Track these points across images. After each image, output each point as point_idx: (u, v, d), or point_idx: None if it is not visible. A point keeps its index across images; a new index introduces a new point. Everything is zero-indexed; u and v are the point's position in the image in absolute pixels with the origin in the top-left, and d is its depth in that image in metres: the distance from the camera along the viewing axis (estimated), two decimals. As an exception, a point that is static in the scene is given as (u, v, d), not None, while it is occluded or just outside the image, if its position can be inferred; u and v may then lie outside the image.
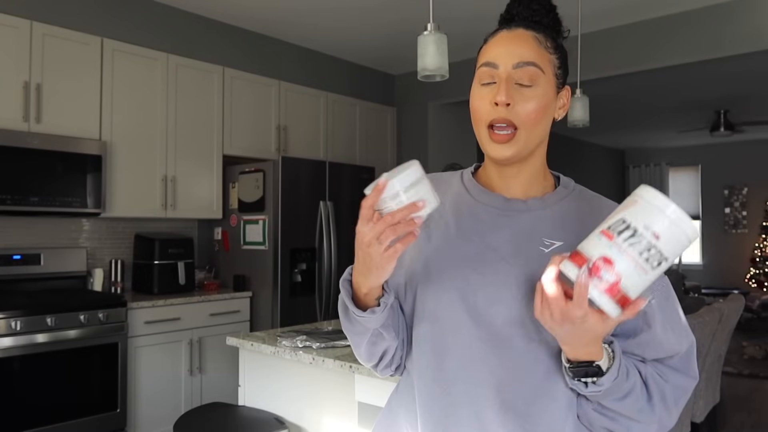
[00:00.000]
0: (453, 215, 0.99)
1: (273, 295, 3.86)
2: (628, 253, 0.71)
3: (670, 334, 0.89)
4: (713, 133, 7.11)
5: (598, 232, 0.74)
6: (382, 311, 0.88)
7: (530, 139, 0.92)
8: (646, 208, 0.72)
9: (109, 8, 3.66)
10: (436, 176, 1.08)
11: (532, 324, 0.88)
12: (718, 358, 3.25)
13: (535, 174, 0.98)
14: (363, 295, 0.88)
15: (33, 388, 2.85)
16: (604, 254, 0.72)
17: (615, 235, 0.72)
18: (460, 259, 0.93)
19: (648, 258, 0.71)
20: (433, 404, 0.92)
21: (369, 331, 0.93)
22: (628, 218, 0.73)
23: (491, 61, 0.93)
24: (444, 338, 0.92)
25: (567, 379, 0.86)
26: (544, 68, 0.92)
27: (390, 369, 1.02)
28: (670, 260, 0.72)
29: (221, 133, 4.08)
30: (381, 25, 4.30)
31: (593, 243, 0.74)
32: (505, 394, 0.88)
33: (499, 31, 0.96)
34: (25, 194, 3.08)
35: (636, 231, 0.71)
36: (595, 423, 0.90)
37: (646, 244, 0.71)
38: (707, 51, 3.90)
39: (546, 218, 0.95)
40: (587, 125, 3.30)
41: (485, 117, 0.92)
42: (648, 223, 0.71)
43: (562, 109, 0.98)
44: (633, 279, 0.71)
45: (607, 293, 0.72)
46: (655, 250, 0.71)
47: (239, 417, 2.14)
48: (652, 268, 0.71)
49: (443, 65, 2.24)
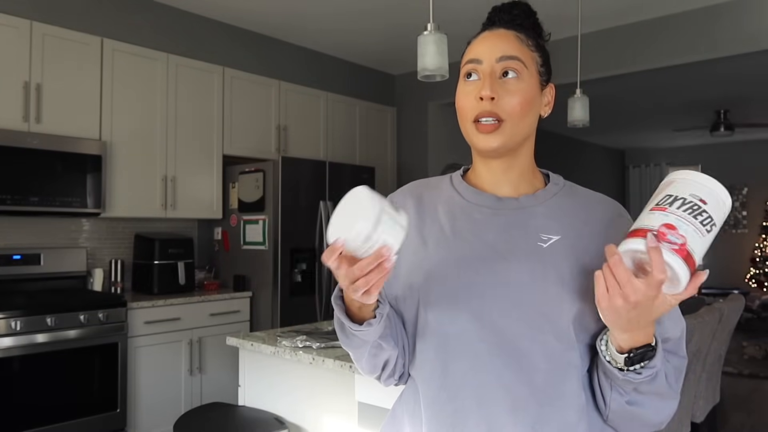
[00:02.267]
0: (447, 219, 0.98)
1: (273, 295, 3.86)
2: (685, 218, 0.74)
3: (665, 319, 0.90)
4: (713, 133, 7.11)
5: (648, 211, 0.77)
6: (378, 323, 0.87)
7: (516, 131, 0.93)
8: (684, 183, 0.77)
9: (109, 8, 3.66)
10: (424, 183, 1.08)
11: (537, 322, 0.88)
12: (718, 358, 3.25)
13: (524, 171, 0.99)
14: (357, 309, 0.87)
15: (33, 388, 2.85)
16: (664, 222, 0.74)
17: (667, 206, 0.75)
18: (458, 261, 0.93)
19: (703, 221, 0.74)
20: (440, 410, 0.91)
21: (368, 343, 0.92)
22: (673, 192, 0.76)
23: (475, 57, 0.95)
24: (448, 343, 0.91)
25: (616, 372, 0.84)
26: (527, 63, 0.93)
27: (393, 378, 1.00)
28: (717, 225, 0.76)
29: (221, 133, 4.08)
30: (381, 25, 4.30)
31: (648, 218, 0.76)
32: (513, 396, 0.87)
33: (482, 32, 0.98)
34: (25, 194, 3.08)
35: (685, 199, 0.75)
36: (628, 417, 0.90)
37: (698, 208, 0.74)
38: (707, 51, 3.90)
39: (540, 214, 0.95)
40: (587, 125, 3.30)
41: (470, 113, 0.94)
42: (693, 192, 0.76)
43: (547, 106, 0.99)
44: (696, 241, 0.74)
45: (678, 254, 0.73)
46: (707, 214, 0.75)
47: (239, 417, 2.14)
48: (707, 231, 0.75)
49: (443, 65, 2.24)
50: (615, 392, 0.88)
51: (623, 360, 0.83)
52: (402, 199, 1.04)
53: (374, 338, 0.90)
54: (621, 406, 0.89)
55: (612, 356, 0.85)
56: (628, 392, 0.87)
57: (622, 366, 0.84)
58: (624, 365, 0.83)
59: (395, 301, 0.98)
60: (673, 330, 0.92)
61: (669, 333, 0.91)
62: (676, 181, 0.77)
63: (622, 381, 0.85)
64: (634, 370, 0.83)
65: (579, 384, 0.90)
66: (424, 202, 1.02)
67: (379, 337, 0.90)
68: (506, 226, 0.94)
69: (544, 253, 0.90)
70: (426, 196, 1.04)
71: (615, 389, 0.88)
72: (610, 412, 0.90)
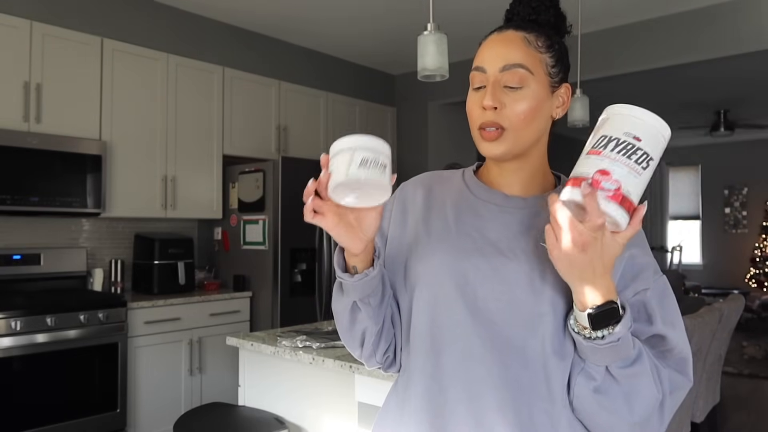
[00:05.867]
0: (452, 212, 1.00)
1: (273, 295, 3.86)
2: (619, 160, 0.75)
3: (670, 329, 0.90)
4: (713, 133, 7.11)
5: (585, 155, 0.79)
6: (359, 279, 0.90)
7: (519, 138, 0.93)
8: (619, 118, 0.78)
9: (109, 8, 3.66)
10: (437, 175, 1.09)
11: (532, 321, 0.88)
12: (718, 358, 3.25)
13: (535, 172, 0.99)
14: (347, 262, 0.93)
15: (33, 388, 2.85)
16: (599, 167, 0.76)
17: (602, 149, 0.77)
18: (458, 254, 0.94)
19: (637, 160, 0.76)
20: (430, 401, 0.92)
21: (349, 304, 0.95)
22: (607, 133, 0.77)
23: (480, 66, 0.95)
24: (441, 335, 0.92)
25: (581, 340, 0.83)
26: (532, 69, 0.93)
27: (375, 359, 1.02)
28: (655, 160, 0.77)
29: (221, 133, 4.08)
30: (381, 25, 4.30)
31: (584, 164, 0.78)
32: (503, 392, 0.88)
33: (491, 34, 0.98)
34: (25, 194, 3.08)
35: (619, 140, 0.76)
36: (592, 409, 0.87)
37: (631, 147, 0.76)
38: (707, 51, 3.90)
39: (545, 215, 0.95)
40: (587, 125, 3.29)
41: (476, 120, 0.95)
42: (627, 129, 0.76)
43: (560, 107, 0.98)
44: (631, 182, 0.75)
45: (613, 200, 0.75)
46: (642, 152, 0.76)
47: (239, 417, 2.14)
48: (643, 169, 0.76)
49: (443, 65, 2.24)
50: (582, 376, 0.87)
51: (586, 319, 0.82)
52: (413, 189, 1.07)
53: (355, 296, 0.93)
54: (586, 393, 0.87)
55: (577, 319, 0.84)
56: (598, 377, 0.85)
57: (587, 327, 0.82)
58: (589, 325, 0.81)
59: (393, 285, 1.01)
60: (677, 339, 0.90)
61: (673, 342, 0.90)
62: (611, 118, 0.78)
63: (587, 349, 0.83)
64: (599, 336, 0.81)
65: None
66: (433, 194, 1.04)
67: (359, 299, 0.93)
68: (510, 225, 0.95)
69: (545, 253, 0.91)
70: (436, 188, 1.05)
71: (583, 373, 0.87)
72: (575, 398, 0.88)
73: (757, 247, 8.62)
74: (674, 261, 8.83)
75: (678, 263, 8.81)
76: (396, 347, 1.02)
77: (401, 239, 1.02)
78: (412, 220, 1.02)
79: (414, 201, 1.04)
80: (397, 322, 1.02)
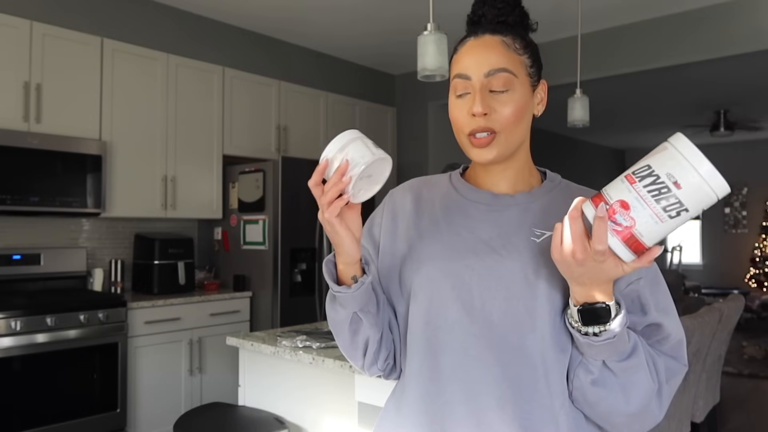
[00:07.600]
0: (443, 214, 1.01)
1: (273, 295, 3.86)
2: (646, 199, 0.71)
3: (663, 316, 0.90)
4: (713, 133, 7.10)
5: (623, 176, 0.74)
6: (358, 288, 0.91)
7: (510, 140, 0.94)
8: (672, 155, 0.71)
9: (109, 8, 3.66)
10: (425, 180, 1.10)
11: (527, 317, 0.88)
12: (718, 358, 3.25)
13: (521, 170, 1.00)
14: (343, 274, 0.93)
15: (33, 388, 2.85)
16: (622, 198, 0.72)
17: (637, 180, 0.72)
18: (451, 254, 0.95)
19: (667, 207, 0.70)
20: (430, 403, 0.92)
21: (349, 316, 0.95)
22: (653, 164, 0.72)
23: (463, 73, 0.95)
24: (438, 336, 0.92)
25: (576, 334, 0.84)
26: (516, 71, 0.93)
27: (376, 366, 1.02)
28: (691, 212, 0.71)
29: (221, 133, 4.08)
30: (381, 25, 4.30)
31: (615, 186, 0.74)
32: (501, 390, 0.88)
33: (467, 40, 0.98)
34: (25, 194, 3.08)
35: (657, 178, 0.70)
36: (591, 399, 0.88)
37: (666, 192, 0.70)
38: (707, 51, 3.90)
39: (535, 210, 0.97)
40: (587, 125, 3.30)
41: (465, 128, 0.95)
42: (672, 171, 0.70)
43: (540, 104, 1.00)
44: (648, 226, 0.71)
45: (619, 236, 0.72)
46: (675, 200, 0.70)
47: (239, 417, 2.14)
48: (670, 218, 0.71)
49: (443, 65, 2.24)
50: (581, 368, 0.88)
51: (577, 314, 0.83)
52: (402, 194, 1.07)
53: (355, 307, 0.93)
54: (585, 385, 0.87)
55: (571, 314, 0.85)
56: (595, 370, 0.86)
57: (579, 322, 0.83)
58: (579, 320, 0.83)
59: (388, 293, 1.01)
60: (671, 327, 0.91)
61: (667, 330, 0.91)
62: (667, 150, 0.72)
63: (583, 344, 0.84)
64: (594, 333, 0.82)
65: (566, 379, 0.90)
66: (422, 199, 1.05)
67: (359, 309, 0.93)
68: (500, 222, 0.96)
69: (537, 248, 0.92)
70: (425, 193, 1.06)
71: (582, 365, 0.87)
72: (574, 390, 0.89)
73: (757, 247, 8.62)
74: (674, 261, 8.83)
75: (678, 263, 8.81)
76: (396, 353, 1.02)
77: (394, 246, 1.02)
78: (403, 226, 1.03)
79: (403, 207, 1.05)
80: (395, 328, 1.02)
